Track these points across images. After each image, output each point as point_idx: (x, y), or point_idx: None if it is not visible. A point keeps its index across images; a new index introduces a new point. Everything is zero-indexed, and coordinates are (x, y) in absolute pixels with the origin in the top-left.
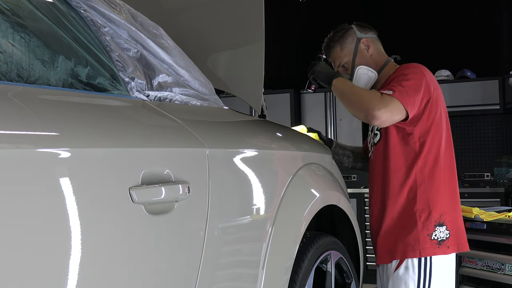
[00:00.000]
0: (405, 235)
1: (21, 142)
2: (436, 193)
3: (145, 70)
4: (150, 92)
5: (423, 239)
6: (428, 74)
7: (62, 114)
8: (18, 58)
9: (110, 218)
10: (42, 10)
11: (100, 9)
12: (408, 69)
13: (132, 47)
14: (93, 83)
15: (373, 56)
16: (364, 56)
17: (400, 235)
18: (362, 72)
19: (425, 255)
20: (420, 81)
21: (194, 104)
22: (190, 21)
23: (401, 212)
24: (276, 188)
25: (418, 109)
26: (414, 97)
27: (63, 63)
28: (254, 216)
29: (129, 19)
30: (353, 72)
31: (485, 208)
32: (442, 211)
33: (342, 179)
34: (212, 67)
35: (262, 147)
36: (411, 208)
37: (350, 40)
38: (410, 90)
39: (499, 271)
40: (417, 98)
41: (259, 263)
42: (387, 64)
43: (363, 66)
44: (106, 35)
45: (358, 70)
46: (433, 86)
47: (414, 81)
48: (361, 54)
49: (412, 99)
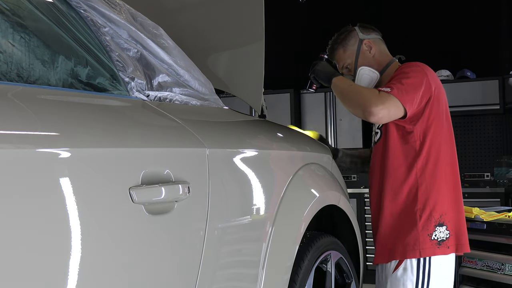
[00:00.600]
0: (405, 235)
1: (21, 142)
2: (436, 193)
3: (145, 70)
4: (150, 92)
5: (423, 239)
6: (430, 73)
7: (62, 114)
8: (18, 58)
9: (110, 218)
10: (42, 10)
11: (100, 9)
12: (410, 67)
13: (132, 47)
14: (93, 83)
15: (376, 56)
16: (367, 57)
17: (400, 235)
18: (364, 72)
19: (425, 255)
20: (421, 79)
21: (194, 104)
22: (190, 21)
23: (401, 211)
24: (276, 188)
25: (417, 107)
26: (413, 95)
27: (63, 63)
28: (254, 216)
29: (129, 19)
30: (355, 73)
31: (485, 208)
32: (442, 211)
33: (342, 179)
34: (212, 67)
35: (262, 147)
36: (411, 208)
37: (352, 42)
38: (409, 88)
39: (499, 271)
40: (417, 96)
41: (259, 263)
42: (391, 64)
43: (365, 66)
44: (106, 35)
45: (360, 71)
46: (434, 85)
47: (414, 79)
48: (363, 55)
49: (410, 97)
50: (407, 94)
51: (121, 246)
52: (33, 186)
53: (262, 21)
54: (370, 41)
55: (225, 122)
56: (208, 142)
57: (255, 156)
